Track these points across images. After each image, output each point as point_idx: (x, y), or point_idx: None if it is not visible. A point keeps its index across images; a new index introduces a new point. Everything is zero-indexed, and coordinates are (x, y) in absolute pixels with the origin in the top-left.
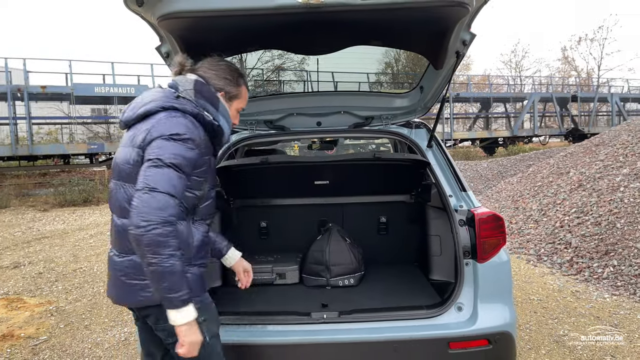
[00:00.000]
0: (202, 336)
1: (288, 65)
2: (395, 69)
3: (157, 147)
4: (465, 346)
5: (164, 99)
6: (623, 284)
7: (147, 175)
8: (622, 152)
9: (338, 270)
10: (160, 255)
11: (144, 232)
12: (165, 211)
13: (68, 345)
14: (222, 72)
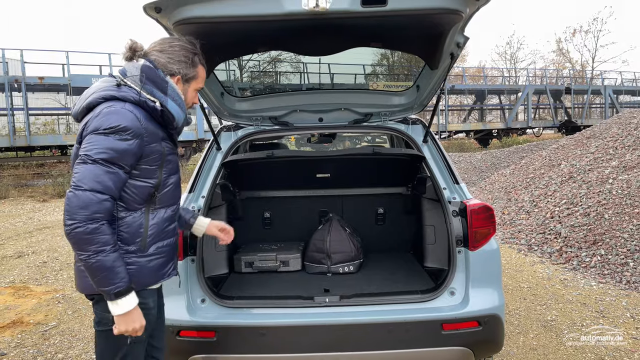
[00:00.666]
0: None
1: (291, 64)
2: (391, 64)
3: (88, 142)
4: (457, 327)
5: (104, 89)
6: (610, 272)
7: (75, 173)
8: (612, 145)
9: (338, 258)
10: (87, 252)
11: (69, 231)
12: (88, 209)
13: (77, 330)
14: (176, 55)
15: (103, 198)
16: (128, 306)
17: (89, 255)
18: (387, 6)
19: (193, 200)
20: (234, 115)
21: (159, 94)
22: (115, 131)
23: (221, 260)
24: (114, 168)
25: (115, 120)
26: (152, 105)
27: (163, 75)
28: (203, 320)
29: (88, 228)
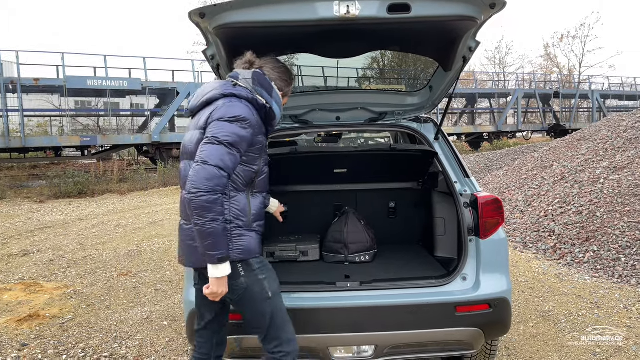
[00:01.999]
0: (265, 292)
1: (311, 65)
2: (404, 66)
3: (215, 127)
4: (469, 310)
5: (222, 88)
6: (602, 267)
7: (202, 151)
8: (602, 147)
9: (355, 248)
10: (204, 218)
11: (194, 198)
12: (212, 181)
13: (94, 323)
14: (282, 74)
15: (223, 174)
16: (225, 272)
17: (205, 221)
18: (411, 13)
19: None
20: None
21: (266, 95)
22: (237, 120)
23: None
24: (233, 150)
25: (237, 111)
26: (261, 103)
27: (270, 81)
28: None
29: (210, 198)
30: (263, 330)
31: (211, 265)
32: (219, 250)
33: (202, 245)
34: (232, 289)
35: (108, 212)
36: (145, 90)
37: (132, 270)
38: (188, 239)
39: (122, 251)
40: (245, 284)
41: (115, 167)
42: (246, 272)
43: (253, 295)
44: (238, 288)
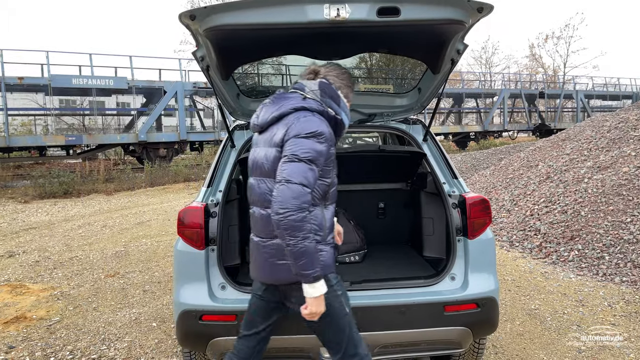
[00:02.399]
0: (343, 308)
1: (302, 67)
2: (392, 67)
3: (293, 144)
4: (458, 309)
5: (292, 102)
6: (587, 265)
7: (283, 170)
8: (586, 147)
9: (345, 249)
10: (296, 237)
11: (283, 218)
12: (299, 199)
13: (82, 324)
14: (345, 80)
15: (308, 191)
16: (322, 290)
17: (297, 240)
18: (400, 16)
19: (212, 194)
20: (247, 115)
21: (335, 106)
22: (314, 135)
23: (234, 251)
24: (313, 166)
25: (314, 126)
26: (332, 115)
27: (336, 90)
28: (224, 305)
29: (299, 216)
30: (342, 347)
31: (307, 285)
32: (314, 269)
33: (295, 265)
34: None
35: (94, 213)
36: (131, 89)
37: (120, 271)
38: (268, 256)
39: (109, 252)
40: (326, 301)
41: (101, 166)
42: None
43: (334, 311)
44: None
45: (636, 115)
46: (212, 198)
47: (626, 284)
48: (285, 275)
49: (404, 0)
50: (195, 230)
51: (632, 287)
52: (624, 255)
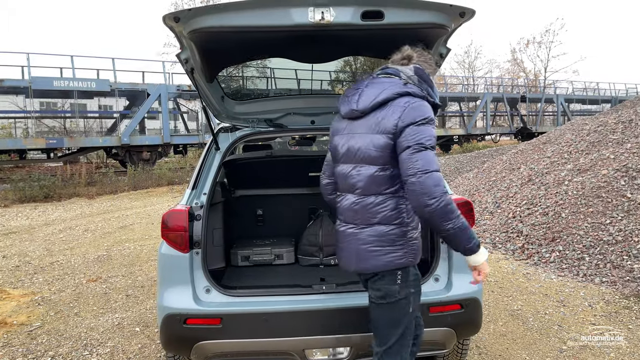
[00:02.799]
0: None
1: (286, 70)
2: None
3: (414, 133)
4: (442, 310)
5: (395, 87)
6: (567, 266)
7: (415, 161)
8: (566, 150)
9: (330, 251)
10: (451, 219)
11: (434, 208)
12: (440, 185)
13: (63, 330)
14: (433, 65)
15: (441, 175)
16: (485, 253)
17: (453, 221)
18: (384, 20)
19: (196, 196)
20: (232, 117)
21: (430, 91)
22: (428, 121)
23: (218, 255)
24: (435, 151)
25: (425, 112)
26: (432, 100)
27: (429, 75)
28: (209, 308)
29: (446, 199)
30: (389, 342)
31: (474, 255)
32: (474, 239)
33: (460, 244)
34: (385, 293)
35: (76, 217)
36: (114, 91)
37: (102, 276)
38: (362, 242)
39: (91, 256)
40: (397, 293)
41: (82, 170)
42: (402, 281)
43: (398, 305)
44: (389, 295)
45: (615, 118)
46: (197, 201)
47: (606, 284)
48: (382, 263)
49: (388, 4)
50: (180, 233)
51: (612, 288)
52: (603, 256)
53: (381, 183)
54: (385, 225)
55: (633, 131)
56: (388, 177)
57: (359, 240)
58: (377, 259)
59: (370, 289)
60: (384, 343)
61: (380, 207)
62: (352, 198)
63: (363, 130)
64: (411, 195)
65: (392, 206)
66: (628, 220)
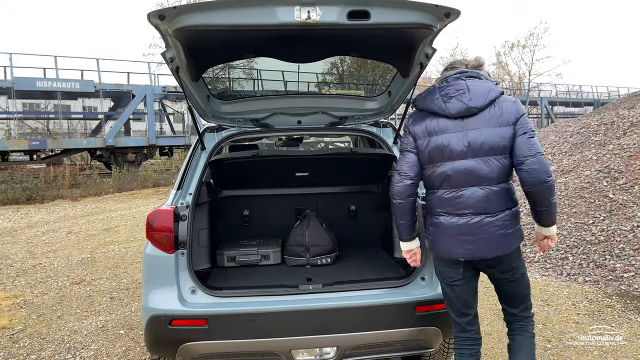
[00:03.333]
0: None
1: (273, 70)
2: (363, 71)
3: (526, 122)
4: (428, 309)
5: (496, 87)
6: (552, 266)
7: (533, 144)
8: (550, 151)
9: (317, 251)
10: (554, 193)
11: (550, 183)
12: (550, 166)
13: (46, 333)
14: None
15: None
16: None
17: (554, 194)
18: (370, 20)
19: (181, 197)
20: (218, 117)
21: None
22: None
23: (204, 255)
24: None
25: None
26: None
27: None
28: (194, 309)
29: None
30: (528, 300)
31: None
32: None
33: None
34: (518, 264)
35: (59, 219)
36: (98, 92)
37: (86, 279)
38: (497, 228)
39: (75, 259)
40: (523, 262)
41: (66, 171)
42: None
43: (525, 272)
44: (522, 265)
45: (597, 121)
46: (182, 201)
47: (589, 283)
48: (517, 241)
49: (374, 4)
50: (165, 233)
51: (595, 287)
52: (586, 256)
53: (508, 170)
54: (513, 207)
55: (615, 133)
56: (510, 164)
57: (497, 226)
58: (513, 238)
59: (501, 270)
60: (524, 303)
61: (509, 192)
62: (483, 189)
63: (482, 125)
64: (531, 173)
65: (513, 189)
66: (610, 220)
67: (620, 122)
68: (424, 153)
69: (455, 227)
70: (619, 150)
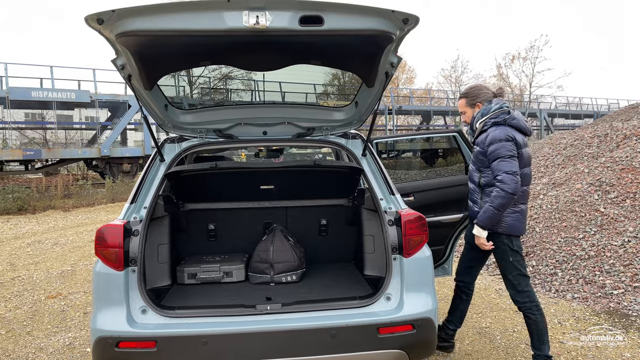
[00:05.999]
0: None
1: (235, 77)
2: (334, 83)
3: None
4: (392, 331)
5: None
6: (540, 281)
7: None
8: (543, 164)
9: (281, 268)
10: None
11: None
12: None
13: (11, 350)
14: None
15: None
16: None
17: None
18: (324, 26)
19: (135, 210)
20: (178, 127)
21: None
22: None
23: (164, 272)
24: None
25: None
26: None
27: None
28: (143, 330)
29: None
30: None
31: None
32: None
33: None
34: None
35: (47, 230)
36: (94, 102)
37: (63, 292)
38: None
39: (55, 271)
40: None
41: (59, 182)
42: None
43: None
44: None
45: (591, 133)
46: (135, 215)
47: (577, 300)
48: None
49: (327, 9)
50: (114, 250)
51: (583, 304)
52: (575, 272)
53: None
54: None
55: (608, 145)
56: None
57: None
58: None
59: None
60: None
61: None
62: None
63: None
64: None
65: None
66: (601, 235)
67: (614, 135)
68: (520, 159)
69: (526, 212)
70: (611, 163)
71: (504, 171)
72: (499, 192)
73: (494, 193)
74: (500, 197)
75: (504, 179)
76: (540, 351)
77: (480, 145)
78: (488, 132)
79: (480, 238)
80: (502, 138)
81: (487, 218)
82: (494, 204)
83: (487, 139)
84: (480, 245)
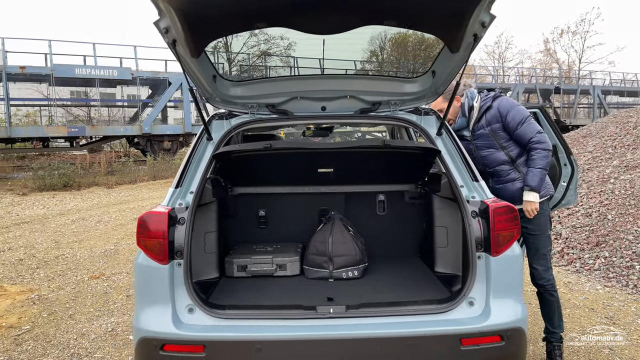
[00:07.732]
0: None
1: (292, 46)
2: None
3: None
4: (477, 342)
5: None
6: (615, 275)
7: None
8: (610, 144)
9: (341, 262)
10: None
11: None
12: None
13: (52, 335)
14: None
15: None
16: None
17: None
18: None
19: (180, 196)
20: (227, 101)
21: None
22: None
23: (211, 263)
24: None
25: None
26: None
27: None
28: (191, 333)
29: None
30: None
31: None
32: None
33: None
34: None
35: (92, 207)
36: (135, 80)
37: (106, 273)
38: None
39: (98, 250)
40: None
41: (103, 159)
42: None
43: None
44: None
45: None
46: (181, 201)
47: None
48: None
49: None
50: (158, 240)
51: None
52: None
53: None
54: None
55: None
56: None
57: None
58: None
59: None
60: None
61: None
62: None
63: None
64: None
65: None
66: None
67: None
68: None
69: None
70: None
71: (537, 131)
72: (541, 151)
73: (534, 156)
74: (544, 156)
75: (541, 139)
76: (560, 329)
77: (492, 121)
78: (493, 106)
79: (534, 203)
80: (514, 103)
81: (540, 180)
82: (541, 165)
83: (502, 110)
84: (532, 212)
